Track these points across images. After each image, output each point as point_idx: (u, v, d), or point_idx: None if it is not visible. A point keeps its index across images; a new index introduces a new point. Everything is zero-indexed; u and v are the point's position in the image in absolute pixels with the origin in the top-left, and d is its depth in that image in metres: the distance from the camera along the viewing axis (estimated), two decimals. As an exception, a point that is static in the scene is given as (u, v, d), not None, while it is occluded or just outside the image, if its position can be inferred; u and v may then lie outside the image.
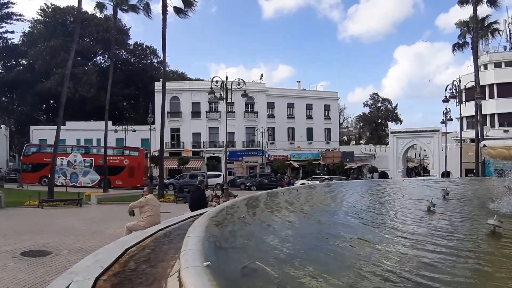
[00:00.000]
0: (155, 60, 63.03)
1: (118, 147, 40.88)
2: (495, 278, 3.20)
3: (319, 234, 4.93)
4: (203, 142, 47.96)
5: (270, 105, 52.45)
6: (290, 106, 54.51)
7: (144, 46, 62.53)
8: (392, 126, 65.69)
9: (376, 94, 76.91)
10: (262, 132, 47.39)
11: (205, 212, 6.14)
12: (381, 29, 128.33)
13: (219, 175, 40.04)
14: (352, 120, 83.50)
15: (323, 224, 5.72)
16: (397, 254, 3.90)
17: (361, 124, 79.86)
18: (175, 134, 48.28)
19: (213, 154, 47.26)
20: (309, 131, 55.16)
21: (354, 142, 76.38)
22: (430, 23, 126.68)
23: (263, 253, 3.66)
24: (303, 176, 46.65)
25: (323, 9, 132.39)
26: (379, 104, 75.53)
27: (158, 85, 42.68)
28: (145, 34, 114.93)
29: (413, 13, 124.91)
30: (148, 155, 42.10)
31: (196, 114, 48.43)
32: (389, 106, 75.68)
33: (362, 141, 75.19)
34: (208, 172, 41.99)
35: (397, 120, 73.98)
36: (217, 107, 46.78)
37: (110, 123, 35.97)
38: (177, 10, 29.48)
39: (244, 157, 47.96)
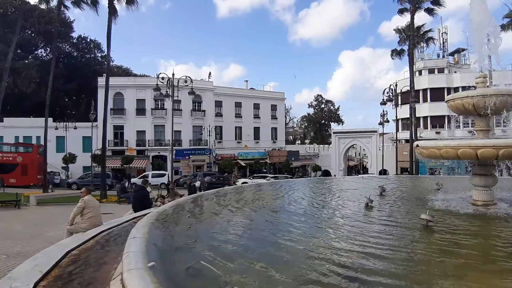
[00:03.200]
0: (99, 55, 60.19)
1: (11, 143, 38.75)
2: (426, 270, 3.46)
3: (267, 229, 5.05)
4: (148, 140, 46.57)
5: (218, 104, 52.24)
6: (238, 105, 54.68)
7: (88, 40, 59.45)
8: (334, 126, 68.29)
9: (320, 95, 79.60)
10: (209, 131, 47.12)
11: (149, 212, 6.04)
12: (329, 33, 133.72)
13: (164, 175, 39.21)
14: (297, 120, 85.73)
15: (273, 219, 5.85)
16: (334, 246, 4.08)
17: (306, 124, 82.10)
18: (119, 132, 46.33)
19: (159, 153, 46.06)
20: (256, 131, 55.73)
21: (299, 142, 78.38)
22: (374, 30, 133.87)
23: (208, 252, 3.66)
24: (249, 175, 46.97)
25: (276, 11, 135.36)
26: (323, 106, 78.15)
27: (101, 81, 40.73)
28: (92, 27, 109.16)
29: (359, 20, 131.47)
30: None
31: (141, 111, 46.84)
32: (332, 107, 78.59)
33: (307, 141, 77.35)
34: (152, 172, 40.98)
35: (339, 121, 77.01)
36: (163, 104, 45.73)
37: (50, 119, 34.14)
38: (112, 10, 28.28)
39: (191, 156, 47.34)
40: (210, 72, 57.27)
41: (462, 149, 6.13)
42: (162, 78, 24.64)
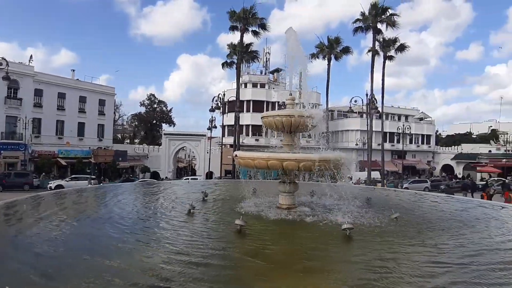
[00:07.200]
0: None
1: None
2: (238, 272, 3.97)
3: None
4: (-51, 131, 37.32)
5: (38, 93, 45.08)
6: (62, 96, 48.37)
7: None
8: (166, 127, 67.96)
9: (153, 95, 77.79)
10: (25, 123, 40.53)
11: None
12: (171, 35, 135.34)
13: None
14: (128, 118, 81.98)
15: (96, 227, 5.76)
16: (150, 256, 4.28)
17: (136, 123, 79.27)
18: None
19: (-39, 146, 37.37)
20: (81, 126, 50.58)
21: (128, 141, 75.15)
22: (213, 40, 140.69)
23: (19, 272, 3.44)
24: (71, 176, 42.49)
25: (120, 2, 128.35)
26: (155, 106, 76.86)
27: None
28: None
29: (201, 28, 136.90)
30: None
31: None
32: (164, 108, 77.99)
33: (137, 140, 74.77)
34: None
35: (171, 122, 76.96)
36: (-30, 88, 37.38)
37: None
38: None
39: (2, 152, 39.86)
40: (31, 55, 49.05)
41: (271, 161, 7.24)
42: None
